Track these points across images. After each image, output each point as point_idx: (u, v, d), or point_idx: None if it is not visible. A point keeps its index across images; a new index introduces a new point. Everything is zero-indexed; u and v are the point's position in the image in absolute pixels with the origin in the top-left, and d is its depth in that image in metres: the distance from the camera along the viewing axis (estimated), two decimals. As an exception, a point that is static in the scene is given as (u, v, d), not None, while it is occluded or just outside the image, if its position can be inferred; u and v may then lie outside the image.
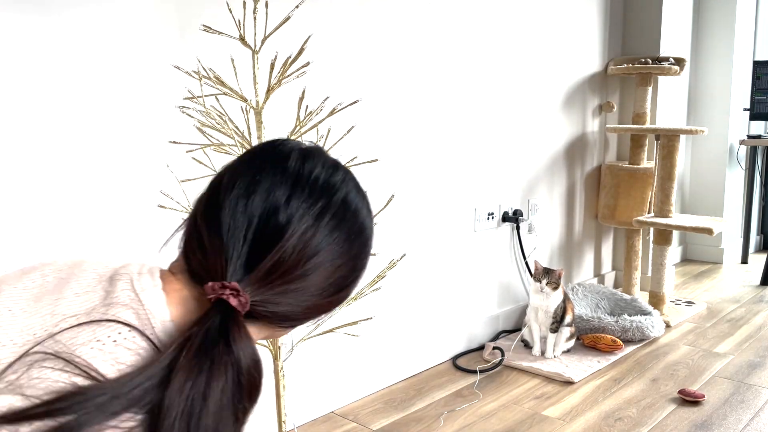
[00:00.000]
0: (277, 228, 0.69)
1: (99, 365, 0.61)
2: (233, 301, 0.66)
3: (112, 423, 0.58)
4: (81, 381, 0.59)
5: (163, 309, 0.68)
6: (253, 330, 0.73)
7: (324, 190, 0.73)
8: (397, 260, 1.59)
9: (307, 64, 1.44)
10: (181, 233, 0.75)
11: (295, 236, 0.69)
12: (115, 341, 0.63)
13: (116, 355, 0.62)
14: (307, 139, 2.01)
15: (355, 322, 1.49)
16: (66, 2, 1.51)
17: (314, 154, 0.76)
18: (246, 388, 0.66)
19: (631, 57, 3.42)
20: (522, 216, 2.93)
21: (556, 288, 2.59)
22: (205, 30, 1.45)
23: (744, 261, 4.30)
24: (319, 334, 1.65)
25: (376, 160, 1.58)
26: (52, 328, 0.63)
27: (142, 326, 0.65)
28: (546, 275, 2.60)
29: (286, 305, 0.71)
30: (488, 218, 2.80)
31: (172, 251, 1.68)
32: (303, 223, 0.70)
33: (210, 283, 0.67)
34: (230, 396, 0.64)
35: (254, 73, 1.41)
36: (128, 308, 0.66)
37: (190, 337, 0.63)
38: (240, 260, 0.69)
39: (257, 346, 0.69)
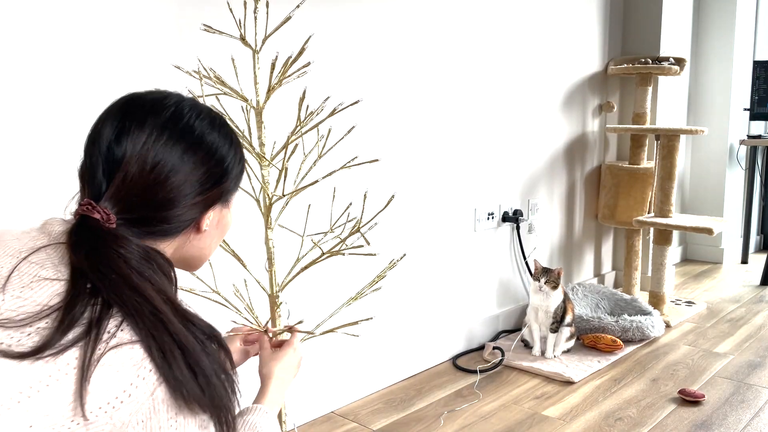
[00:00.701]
0: (119, 155, 0.82)
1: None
2: (94, 214, 0.79)
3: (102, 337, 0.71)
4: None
5: None
6: (165, 245, 0.87)
7: (151, 114, 0.85)
8: (398, 260, 1.58)
9: (308, 64, 1.44)
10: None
11: (134, 156, 0.82)
12: None
13: None
14: (305, 137, 2.01)
15: (355, 322, 1.49)
16: (66, 1, 1.51)
17: (150, 91, 0.89)
18: (152, 264, 0.80)
19: (631, 57, 3.42)
20: (522, 216, 2.93)
21: (555, 287, 2.59)
22: (205, 30, 1.45)
23: (744, 261, 4.30)
24: (319, 334, 1.65)
25: (377, 160, 1.58)
26: (14, 259, 0.78)
27: None
28: (545, 274, 2.60)
29: (153, 213, 0.83)
30: (488, 218, 2.81)
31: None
32: (138, 144, 0.82)
33: (76, 208, 0.83)
34: (146, 272, 0.78)
35: (255, 72, 1.41)
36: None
37: (68, 245, 0.79)
38: (95, 186, 0.83)
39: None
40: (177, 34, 1.71)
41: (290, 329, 1.25)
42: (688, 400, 2.27)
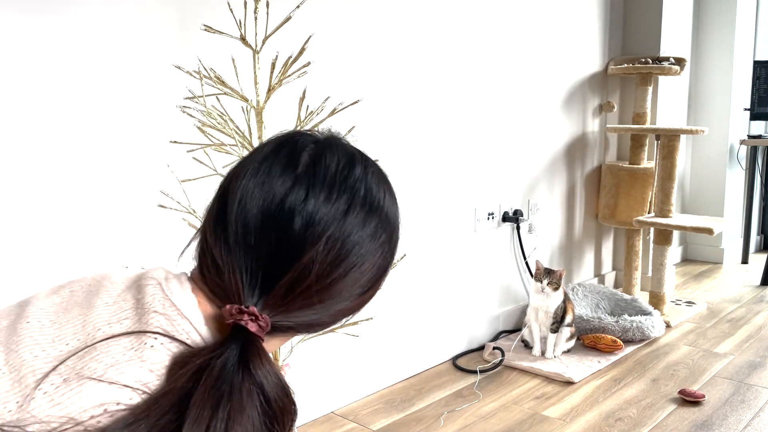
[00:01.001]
0: (294, 237, 0.62)
1: (137, 373, 0.59)
2: (252, 327, 0.62)
3: None
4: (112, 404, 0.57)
5: (196, 312, 0.64)
6: (274, 342, 0.69)
7: (343, 188, 0.66)
8: (398, 260, 1.59)
9: (308, 64, 1.44)
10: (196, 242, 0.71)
11: (315, 247, 0.63)
12: (152, 346, 0.61)
13: (153, 360, 0.60)
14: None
15: (355, 322, 1.49)
16: (66, 1, 1.51)
17: (329, 146, 0.69)
18: (276, 413, 0.61)
19: (632, 57, 3.42)
20: (522, 216, 2.93)
21: (556, 289, 2.59)
22: (206, 30, 1.45)
23: (744, 261, 4.30)
24: (319, 334, 1.65)
25: (377, 160, 1.59)
26: (86, 338, 0.61)
27: (177, 332, 0.62)
28: (547, 275, 2.60)
29: (310, 317, 0.66)
30: (488, 218, 2.80)
31: (189, 259, 1.68)
32: (322, 231, 0.63)
33: (228, 306, 0.63)
34: (259, 424, 0.60)
35: (255, 73, 1.41)
36: (161, 315, 0.63)
37: (207, 367, 0.59)
38: (257, 280, 0.63)
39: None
40: (177, 35, 1.71)
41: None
42: (689, 400, 2.27)
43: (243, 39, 1.40)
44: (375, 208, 0.68)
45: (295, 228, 0.62)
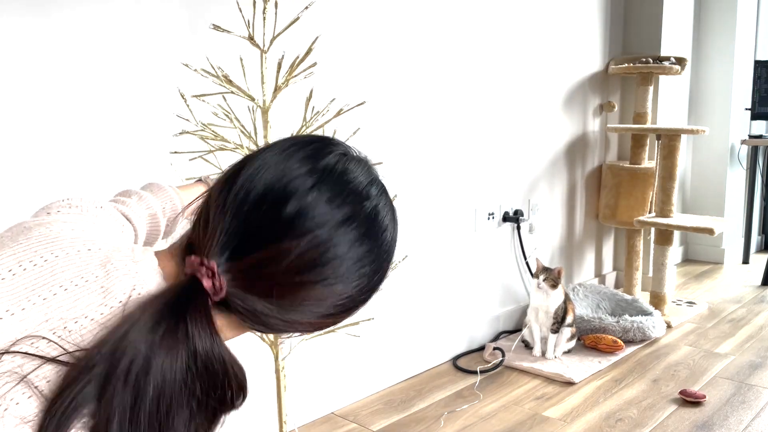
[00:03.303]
0: (281, 220, 0.61)
1: None
2: (206, 282, 0.60)
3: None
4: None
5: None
6: (225, 323, 0.65)
7: (355, 195, 0.65)
8: (399, 261, 1.58)
9: (314, 64, 1.44)
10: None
11: (297, 240, 0.60)
12: None
13: None
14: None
15: (355, 323, 1.49)
16: (76, 1, 1.51)
17: (358, 161, 0.69)
18: (204, 379, 0.59)
19: (632, 56, 3.42)
20: (522, 216, 2.93)
21: (554, 286, 2.58)
22: (214, 29, 1.44)
23: (745, 261, 4.30)
24: (320, 335, 1.65)
25: (381, 162, 1.58)
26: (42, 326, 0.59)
27: None
28: (544, 272, 2.60)
29: (264, 308, 0.62)
30: (489, 218, 2.80)
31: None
32: (310, 228, 0.61)
33: (192, 257, 0.62)
34: (182, 381, 0.57)
35: (262, 72, 1.40)
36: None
37: (149, 305, 0.59)
38: (230, 242, 0.61)
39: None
40: (188, 34, 1.71)
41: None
42: (689, 400, 2.27)
43: (251, 39, 1.39)
44: (373, 232, 0.66)
45: (287, 211, 0.61)
